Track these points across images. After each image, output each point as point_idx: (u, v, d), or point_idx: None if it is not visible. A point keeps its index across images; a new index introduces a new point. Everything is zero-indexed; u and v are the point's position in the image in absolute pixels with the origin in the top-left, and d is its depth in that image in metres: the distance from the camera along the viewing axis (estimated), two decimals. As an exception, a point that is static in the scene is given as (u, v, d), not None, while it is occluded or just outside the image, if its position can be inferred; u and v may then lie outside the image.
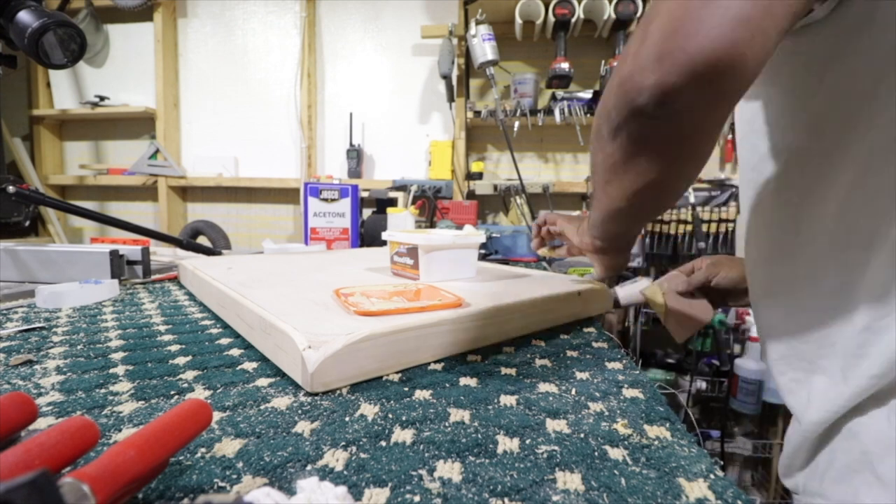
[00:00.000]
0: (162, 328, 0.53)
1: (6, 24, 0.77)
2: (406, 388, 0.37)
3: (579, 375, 0.41)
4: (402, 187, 1.63)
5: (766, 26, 0.26)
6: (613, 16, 1.69)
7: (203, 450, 0.27)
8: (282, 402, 0.34)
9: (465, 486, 0.24)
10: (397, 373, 0.40)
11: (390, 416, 0.32)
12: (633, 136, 0.31)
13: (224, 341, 0.48)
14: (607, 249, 0.52)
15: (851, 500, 0.36)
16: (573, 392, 0.37)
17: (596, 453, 0.28)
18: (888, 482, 0.34)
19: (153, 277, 0.86)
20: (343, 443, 0.28)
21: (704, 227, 1.72)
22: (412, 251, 0.63)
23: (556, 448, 0.28)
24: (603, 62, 1.80)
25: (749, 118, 0.43)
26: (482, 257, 1.21)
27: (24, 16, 0.76)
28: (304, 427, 0.30)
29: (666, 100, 0.27)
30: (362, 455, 0.27)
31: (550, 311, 0.55)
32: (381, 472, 0.25)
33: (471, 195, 2.00)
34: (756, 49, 0.26)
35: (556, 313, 0.56)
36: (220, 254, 1.10)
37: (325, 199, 1.15)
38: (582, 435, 0.30)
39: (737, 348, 1.86)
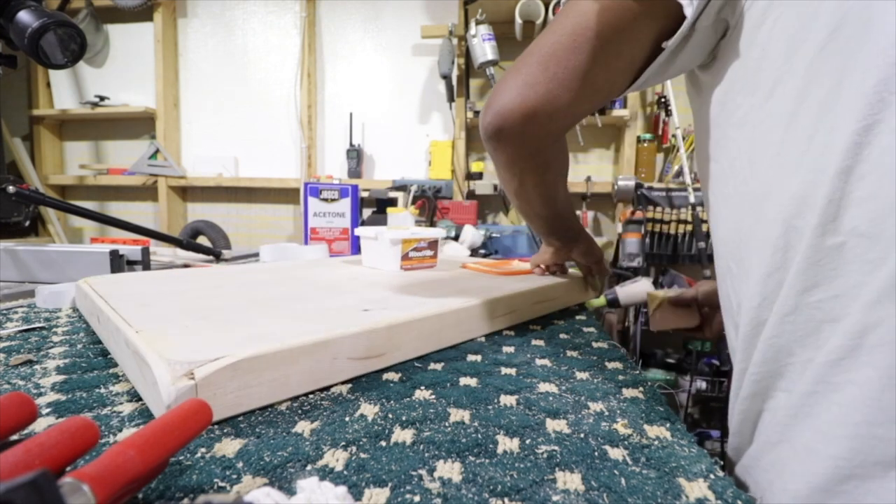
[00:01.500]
0: (162, 328, 0.53)
1: (6, 24, 0.77)
2: (406, 388, 0.37)
3: (579, 375, 0.41)
4: (402, 187, 1.63)
5: (552, 88, 0.39)
6: (613, 16, 1.69)
7: (203, 450, 0.27)
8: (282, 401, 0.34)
9: (465, 486, 0.24)
10: (396, 372, 0.40)
11: (390, 415, 0.32)
12: (489, 153, 0.45)
13: (224, 341, 0.48)
14: (554, 245, 0.65)
15: None
16: (573, 392, 0.37)
17: (596, 453, 0.28)
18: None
19: (153, 277, 0.86)
20: (343, 443, 0.28)
21: (704, 227, 1.72)
22: (432, 244, 0.75)
23: (556, 448, 0.28)
24: (603, 62, 1.80)
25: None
26: (484, 256, 1.21)
27: (24, 16, 0.76)
28: (303, 427, 0.30)
29: (493, 133, 0.41)
30: (362, 455, 0.27)
31: (540, 302, 0.60)
32: (381, 472, 0.25)
33: (471, 195, 2.00)
34: (545, 105, 0.39)
35: (549, 302, 0.62)
36: (219, 254, 1.10)
37: (325, 199, 1.15)
38: (582, 435, 0.30)
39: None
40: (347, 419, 0.31)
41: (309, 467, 0.26)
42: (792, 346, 0.31)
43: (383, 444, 0.28)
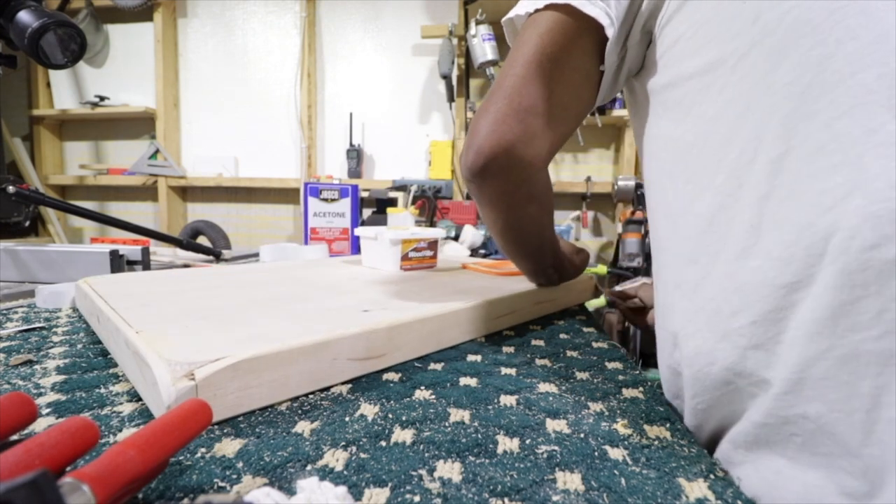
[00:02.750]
0: (162, 328, 0.53)
1: (6, 24, 0.77)
2: (406, 388, 0.37)
3: (579, 375, 0.41)
4: (402, 187, 1.63)
5: (522, 118, 0.40)
6: (613, 16, 1.69)
7: (203, 450, 0.27)
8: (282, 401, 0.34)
9: (465, 486, 0.24)
10: (396, 372, 0.40)
11: (390, 416, 0.32)
12: (474, 194, 0.46)
13: (224, 341, 0.48)
14: (544, 283, 0.62)
15: None
16: (573, 392, 0.37)
17: (596, 453, 0.28)
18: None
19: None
20: (343, 443, 0.28)
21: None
22: (432, 244, 0.74)
23: (556, 448, 0.28)
24: (603, 62, 1.80)
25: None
26: (484, 256, 1.21)
27: (24, 16, 0.76)
28: (303, 427, 0.30)
29: (477, 171, 0.42)
30: (362, 455, 0.27)
31: (540, 302, 0.60)
32: (381, 472, 0.25)
33: (471, 195, 2.00)
34: (521, 135, 0.40)
35: (549, 302, 0.62)
36: (219, 254, 1.10)
37: (325, 199, 1.15)
38: (582, 435, 0.30)
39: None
40: (347, 419, 0.31)
41: (309, 467, 0.26)
42: (727, 376, 0.31)
43: (383, 444, 0.28)
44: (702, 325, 0.33)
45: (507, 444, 0.29)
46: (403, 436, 0.29)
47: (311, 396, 0.35)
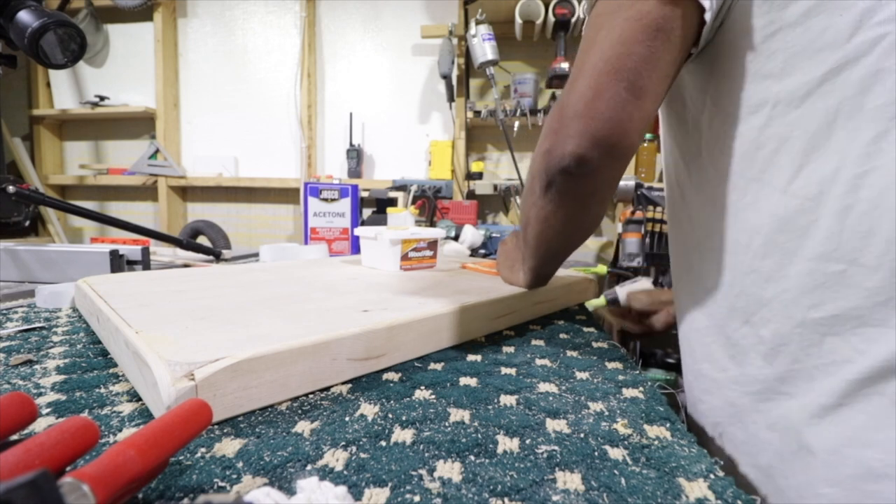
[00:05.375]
0: (162, 328, 0.53)
1: (6, 24, 0.77)
2: (406, 388, 0.37)
3: (579, 375, 0.41)
4: (402, 187, 1.63)
5: (643, 104, 0.36)
6: (613, 16, 1.68)
7: (203, 450, 0.27)
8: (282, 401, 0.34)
9: (465, 486, 0.24)
10: (396, 372, 0.40)
11: (390, 415, 0.32)
12: (561, 190, 0.41)
13: (224, 341, 0.48)
14: (537, 285, 0.60)
15: None
16: (573, 392, 0.37)
17: (596, 453, 0.28)
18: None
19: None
20: (343, 443, 0.28)
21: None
22: (432, 244, 0.75)
23: (556, 448, 0.28)
24: (603, 62, 1.80)
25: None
26: (484, 256, 1.22)
27: (24, 16, 0.76)
28: (303, 427, 0.30)
29: (582, 162, 0.37)
30: (362, 455, 0.27)
31: (540, 302, 0.61)
32: (381, 472, 0.25)
33: (471, 195, 2.00)
34: (636, 122, 0.36)
35: (549, 302, 0.63)
36: (219, 254, 1.10)
37: (325, 199, 1.15)
38: (582, 435, 0.30)
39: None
40: (347, 419, 0.31)
41: (309, 467, 0.26)
42: (798, 354, 0.34)
43: (383, 444, 0.28)
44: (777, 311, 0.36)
45: (507, 443, 0.29)
46: (403, 436, 0.29)
47: (311, 396, 0.35)
